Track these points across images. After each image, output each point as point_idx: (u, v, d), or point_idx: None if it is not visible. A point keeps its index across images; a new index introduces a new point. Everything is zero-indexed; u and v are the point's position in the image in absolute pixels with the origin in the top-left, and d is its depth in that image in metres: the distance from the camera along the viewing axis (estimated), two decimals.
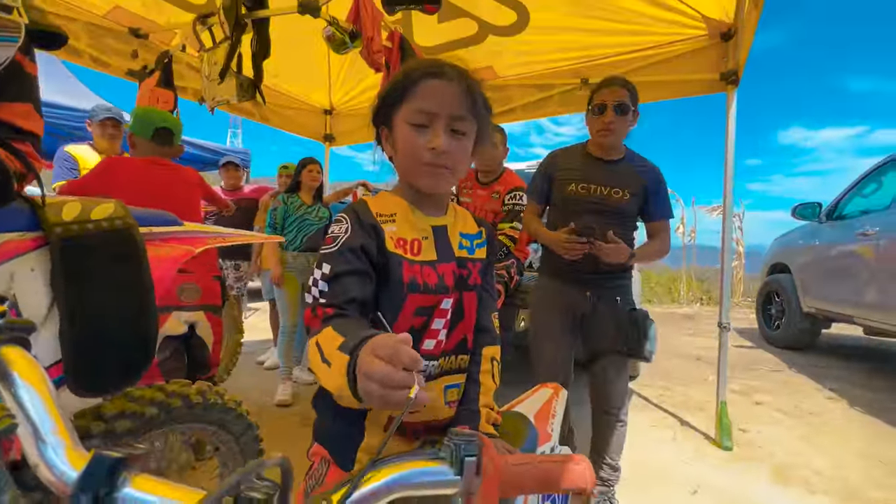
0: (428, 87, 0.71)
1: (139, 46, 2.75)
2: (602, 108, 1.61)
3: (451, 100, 0.71)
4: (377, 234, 0.73)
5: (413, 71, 0.74)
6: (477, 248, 0.85)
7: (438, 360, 0.77)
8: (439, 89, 0.71)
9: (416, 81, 0.72)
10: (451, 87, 0.71)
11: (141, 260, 0.78)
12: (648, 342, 1.63)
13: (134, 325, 0.75)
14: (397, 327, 0.73)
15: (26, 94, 0.71)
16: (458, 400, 0.81)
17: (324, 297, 0.67)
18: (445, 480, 0.35)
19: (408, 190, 0.79)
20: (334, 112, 4.16)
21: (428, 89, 0.71)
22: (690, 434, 2.53)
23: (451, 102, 0.71)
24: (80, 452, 0.29)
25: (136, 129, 1.98)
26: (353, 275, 0.68)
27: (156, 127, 1.95)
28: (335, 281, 0.67)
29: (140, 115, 2.03)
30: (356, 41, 2.10)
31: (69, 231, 0.70)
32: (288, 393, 2.83)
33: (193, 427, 1.07)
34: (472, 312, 0.82)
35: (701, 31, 2.49)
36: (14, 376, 0.29)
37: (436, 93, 0.71)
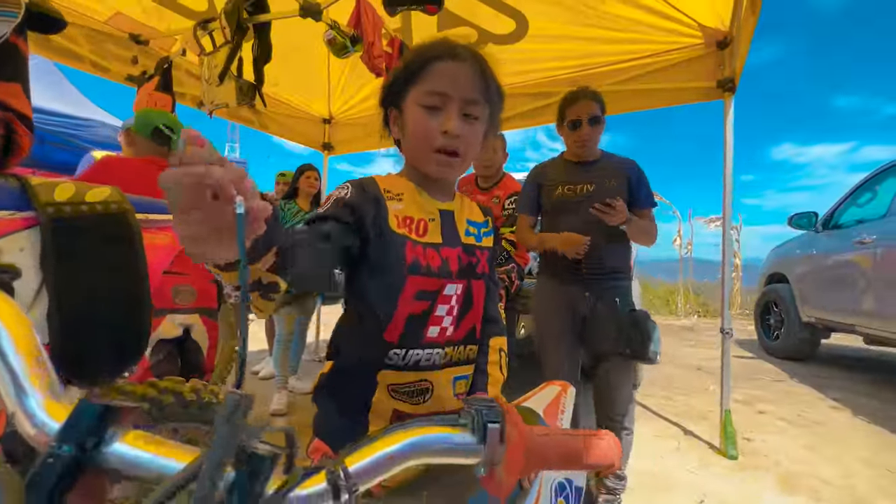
0: (442, 69, 0.69)
1: (139, 52, 2.76)
2: (577, 123, 1.71)
3: (465, 82, 0.69)
4: (378, 206, 0.70)
5: (426, 51, 0.72)
6: (484, 236, 0.83)
7: (444, 349, 0.74)
8: (453, 71, 0.69)
9: (430, 62, 0.70)
10: (465, 70, 0.69)
11: (136, 245, 0.75)
12: (652, 343, 1.60)
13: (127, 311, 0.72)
14: (398, 311, 0.70)
15: (16, 74, 0.69)
16: (466, 391, 0.78)
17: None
18: (467, 449, 0.32)
19: (415, 173, 0.77)
20: (333, 121, 4.17)
21: (441, 70, 0.69)
22: (694, 443, 2.48)
23: (465, 85, 0.69)
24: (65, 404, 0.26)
25: (136, 127, 1.97)
26: (330, 219, 0.64)
27: (155, 126, 1.93)
28: (313, 222, 0.65)
29: (140, 114, 2.01)
30: (357, 45, 2.11)
31: (61, 212, 0.67)
32: (283, 402, 2.77)
33: (187, 426, 1.02)
34: (480, 301, 0.80)
35: (697, 39, 2.52)
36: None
37: (450, 74, 0.69)
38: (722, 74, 2.47)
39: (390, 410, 0.72)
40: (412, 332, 0.70)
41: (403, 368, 0.71)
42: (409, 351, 0.71)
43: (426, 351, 0.72)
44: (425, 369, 0.72)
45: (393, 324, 0.69)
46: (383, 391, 0.71)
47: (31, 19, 0.73)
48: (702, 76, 2.57)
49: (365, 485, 0.28)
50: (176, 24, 2.68)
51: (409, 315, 0.70)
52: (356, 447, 0.29)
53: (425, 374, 0.72)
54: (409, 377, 0.71)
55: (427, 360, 0.72)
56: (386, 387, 0.71)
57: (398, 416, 0.72)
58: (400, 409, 0.72)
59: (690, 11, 2.37)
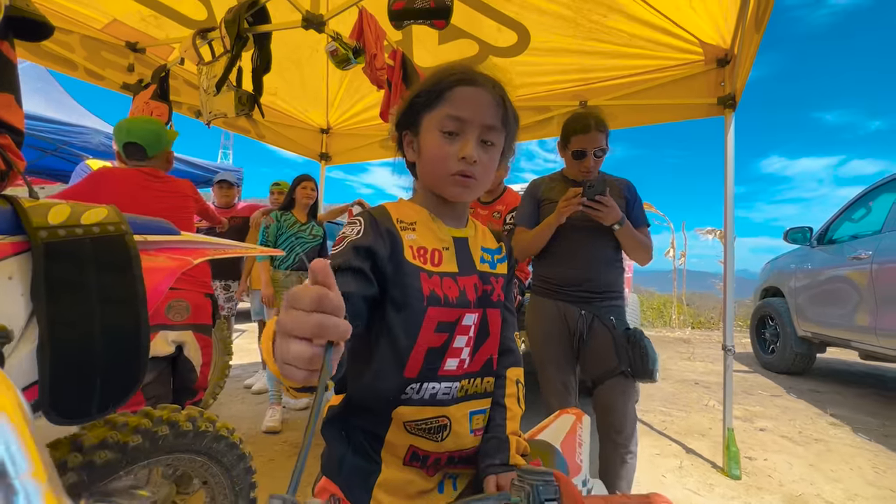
0: (462, 94, 0.69)
1: (135, 61, 2.72)
2: (582, 154, 1.69)
3: (485, 109, 0.69)
4: (393, 240, 0.68)
5: (446, 76, 0.71)
6: (498, 262, 0.81)
7: (460, 382, 0.70)
8: (474, 97, 0.69)
9: (450, 88, 0.69)
10: (484, 96, 0.69)
11: (134, 270, 0.70)
12: (650, 361, 1.59)
13: (124, 343, 0.67)
14: (417, 344, 0.66)
15: (6, 83, 0.65)
16: (483, 427, 0.74)
17: None
18: None
19: (428, 198, 0.75)
20: (331, 131, 4.15)
21: (462, 96, 0.69)
22: (697, 462, 2.44)
23: (485, 112, 0.69)
24: (61, 500, 0.21)
25: (116, 143, 1.92)
26: (350, 271, 0.61)
27: (123, 142, 1.87)
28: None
29: (116, 128, 1.94)
30: (359, 57, 2.09)
31: (55, 235, 0.63)
32: (277, 419, 2.69)
33: (181, 458, 0.97)
34: (497, 330, 0.76)
35: (698, 56, 2.54)
36: None
37: (470, 100, 0.68)
38: (723, 91, 2.48)
39: (406, 447, 0.68)
40: (430, 365, 0.67)
41: (419, 403, 0.67)
42: (425, 384, 0.67)
43: (443, 384, 0.69)
44: (442, 403, 0.68)
45: (412, 359, 0.66)
46: (399, 427, 0.67)
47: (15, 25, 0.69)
48: (702, 92, 2.59)
49: None
50: (174, 33, 2.64)
51: (429, 349, 0.67)
52: None
53: (442, 409, 0.68)
54: (426, 413, 0.68)
55: (445, 393, 0.69)
56: (402, 423, 0.67)
57: (414, 453, 0.68)
58: (417, 445, 0.68)
59: (692, 28, 2.39)
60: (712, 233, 9.11)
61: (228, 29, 2.05)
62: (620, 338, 1.63)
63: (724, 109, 2.46)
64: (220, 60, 2.21)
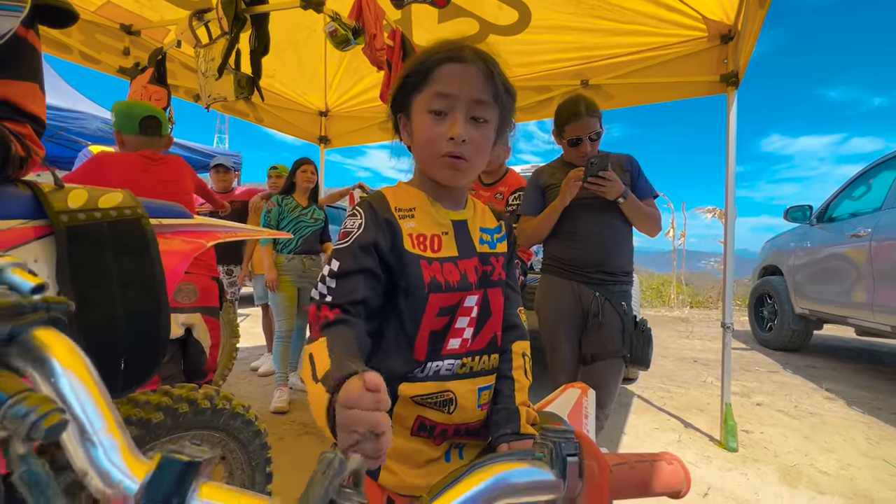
0: (447, 71, 0.68)
1: (131, 43, 2.68)
2: (578, 140, 1.71)
3: (472, 83, 0.67)
4: (392, 230, 0.68)
5: (431, 55, 0.70)
6: (498, 242, 0.81)
7: (462, 360, 0.72)
8: (459, 72, 0.67)
9: (435, 66, 0.68)
10: (470, 70, 0.67)
11: (152, 253, 0.71)
12: (650, 350, 1.70)
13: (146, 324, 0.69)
14: (421, 329, 0.69)
15: (31, 72, 0.65)
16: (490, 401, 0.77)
17: (330, 295, 0.63)
18: (547, 485, 0.31)
19: (426, 182, 0.75)
20: (329, 114, 4.11)
21: (447, 73, 0.68)
22: (695, 436, 2.51)
23: (472, 86, 0.67)
24: (137, 455, 0.23)
25: (121, 126, 1.91)
26: (361, 273, 0.64)
27: (141, 118, 1.88)
28: (343, 278, 0.64)
29: (122, 109, 1.94)
30: (359, 38, 2.06)
31: (75, 220, 0.64)
32: (284, 399, 2.75)
33: (200, 434, 1.00)
34: (499, 309, 0.78)
35: (701, 32, 2.50)
36: (53, 363, 0.23)
37: (455, 76, 0.67)
38: (725, 69, 2.46)
39: (414, 417, 0.71)
40: (433, 346, 0.70)
41: (424, 380, 0.70)
42: (429, 363, 0.70)
43: (446, 362, 0.71)
44: (445, 379, 0.71)
45: (419, 341, 0.68)
46: (406, 401, 0.70)
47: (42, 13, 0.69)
48: (705, 70, 2.56)
49: None
50: (169, 15, 2.60)
51: (431, 332, 0.69)
52: (442, 490, 0.28)
53: (446, 384, 0.71)
54: (430, 387, 0.70)
55: (447, 370, 0.71)
56: (409, 398, 0.69)
57: (422, 423, 0.71)
58: (425, 415, 0.71)
59: (695, 4, 2.35)
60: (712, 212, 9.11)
61: (226, 10, 2.02)
62: (630, 324, 1.69)
63: (727, 87, 2.45)
64: (218, 43, 2.18)
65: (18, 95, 0.65)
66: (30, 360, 0.23)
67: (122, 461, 0.22)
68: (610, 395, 1.71)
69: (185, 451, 0.22)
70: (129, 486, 0.22)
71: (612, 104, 2.92)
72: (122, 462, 0.22)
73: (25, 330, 0.23)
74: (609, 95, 2.90)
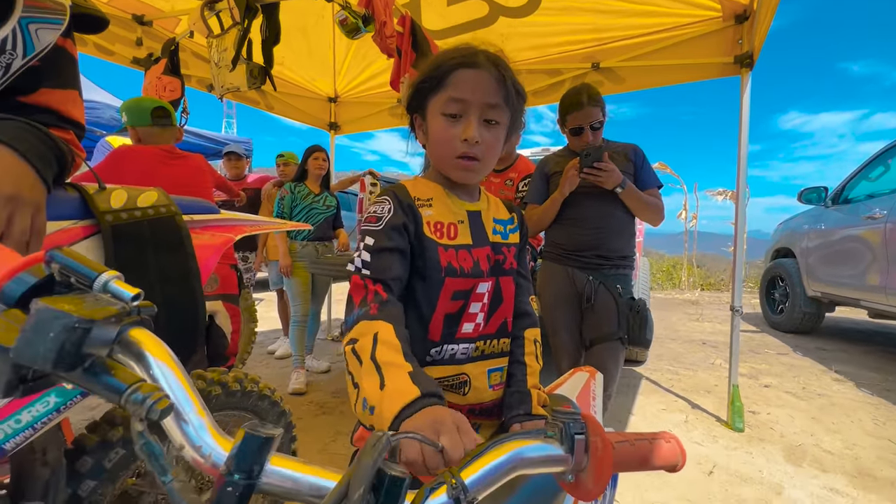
0: (461, 76, 0.72)
1: (143, 34, 2.71)
2: (580, 130, 1.74)
3: (486, 89, 0.72)
4: (415, 216, 0.74)
5: (446, 60, 0.74)
6: (511, 232, 0.86)
7: (476, 343, 0.78)
8: (474, 78, 0.72)
9: (450, 71, 0.73)
10: (484, 76, 0.72)
11: (187, 248, 0.77)
12: (648, 330, 1.72)
13: (183, 315, 0.75)
14: (437, 311, 0.74)
15: (71, 79, 0.69)
16: (501, 383, 0.82)
17: (368, 269, 0.69)
18: (557, 459, 0.35)
19: (441, 177, 0.80)
20: (339, 100, 4.12)
21: (461, 78, 0.72)
22: (702, 416, 2.56)
23: (485, 91, 0.72)
24: (220, 432, 0.29)
25: (134, 121, 1.96)
26: (396, 252, 0.70)
27: (151, 110, 1.94)
28: (380, 255, 0.69)
29: (131, 105, 2.00)
30: (369, 26, 2.07)
31: (119, 219, 0.69)
32: (301, 381, 2.85)
33: (230, 415, 1.07)
34: (510, 296, 0.83)
35: (715, 12, 2.46)
36: (149, 357, 0.28)
37: (470, 82, 0.72)
38: (740, 49, 2.42)
39: None
40: (449, 329, 0.75)
41: (441, 363, 0.75)
42: (445, 346, 0.75)
43: (461, 346, 0.76)
44: (461, 362, 0.76)
45: (434, 323, 0.74)
46: None
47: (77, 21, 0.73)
48: (719, 51, 2.52)
49: (480, 494, 0.31)
50: (180, 5, 2.62)
51: (446, 314, 0.74)
52: (468, 462, 0.32)
53: (461, 367, 0.76)
54: (448, 370, 0.76)
55: (463, 353, 0.76)
56: None
57: None
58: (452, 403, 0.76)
59: None
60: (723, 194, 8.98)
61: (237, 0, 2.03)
62: (624, 306, 1.72)
63: (741, 69, 2.41)
64: (230, 33, 2.21)
65: (60, 103, 0.69)
66: (130, 355, 0.28)
67: (211, 437, 0.27)
68: (611, 377, 1.75)
69: (260, 429, 0.27)
70: (218, 457, 0.27)
71: (623, 87, 2.89)
72: (210, 437, 0.27)
73: (125, 331, 0.28)
74: (620, 78, 2.88)
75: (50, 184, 0.59)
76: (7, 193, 0.53)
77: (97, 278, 0.29)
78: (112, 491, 0.83)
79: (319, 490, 0.27)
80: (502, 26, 2.80)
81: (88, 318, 0.26)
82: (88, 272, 0.29)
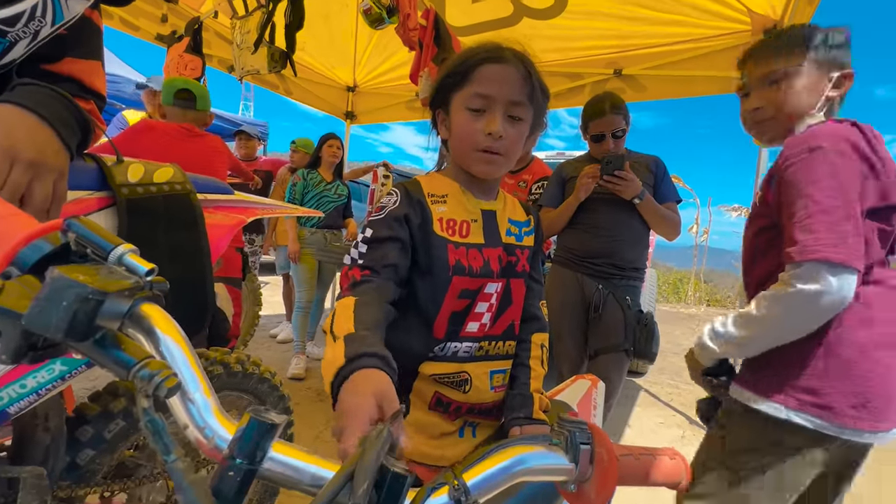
0: (487, 72, 0.72)
1: (169, 11, 2.72)
2: (601, 137, 1.73)
3: (510, 85, 0.71)
4: (423, 212, 0.74)
5: (472, 55, 0.74)
6: (525, 235, 0.85)
7: (480, 343, 0.77)
8: (499, 74, 0.71)
9: (476, 66, 0.72)
10: (509, 72, 0.71)
11: (200, 226, 0.77)
12: (654, 343, 1.70)
13: (192, 293, 0.75)
14: (443, 309, 0.73)
15: (95, 50, 0.69)
16: (503, 385, 0.81)
17: (362, 259, 0.68)
18: (561, 467, 0.35)
19: (460, 173, 0.80)
20: (357, 89, 4.11)
21: (487, 73, 0.71)
22: (699, 433, 2.54)
23: (510, 87, 0.71)
24: (225, 415, 0.28)
25: (164, 99, 1.99)
26: (393, 241, 0.69)
27: (175, 90, 1.95)
28: (375, 244, 0.69)
29: (165, 83, 2.05)
30: (393, 17, 2.06)
31: (135, 193, 0.69)
32: (301, 367, 2.87)
33: (230, 395, 1.08)
34: (520, 299, 0.82)
35: (745, 25, 2.41)
36: (159, 333, 0.28)
37: (495, 77, 0.71)
38: None
39: (432, 393, 0.76)
40: (454, 327, 0.74)
41: (443, 360, 0.75)
42: (448, 343, 0.75)
43: (464, 344, 0.76)
44: (463, 360, 0.76)
45: (438, 321, 0.73)
46: (425, 378, 0.75)
47: None
48: None
49: (481, 498, 0.31)
50: None
51: (452, 313, 0.74)
52: (472, 464, 0.32)
53: (463, 365, 0.76)
54: (449, 367, 0.75)
55: (465, 352, 0.76)
56: (428, 376, 0.74)
57: (439, 399, 0.76)
58: (442, 392, 0.76)
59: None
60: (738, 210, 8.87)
61: None
62: (632, 318, 1.70)
63: None
64: (254, 15, 2.21)
65: (84, 73, 0.70)
66: (141, 330, 0.28)
67: (216, 419, 0.27)
68: (613, 388, 1.73)
69: (265, 415, 0.27)
70: (222, 440, 0.27)
71: (644, 95, 2.86)
72: (214, 420, 0.27)
73: (137, 305, 0.28)
74: (642, 86, 2.84)
75: (73, 151, 0.59)
76: (29, 158, 0.53)
77: (113, 251, 0.29)
78: (109, 461, 0.84)
79: (320, 480, 0.27)
80: (525, 27, 2.77)
81: (102, 289, 0.26)
82: (105, 244, 0.29)
